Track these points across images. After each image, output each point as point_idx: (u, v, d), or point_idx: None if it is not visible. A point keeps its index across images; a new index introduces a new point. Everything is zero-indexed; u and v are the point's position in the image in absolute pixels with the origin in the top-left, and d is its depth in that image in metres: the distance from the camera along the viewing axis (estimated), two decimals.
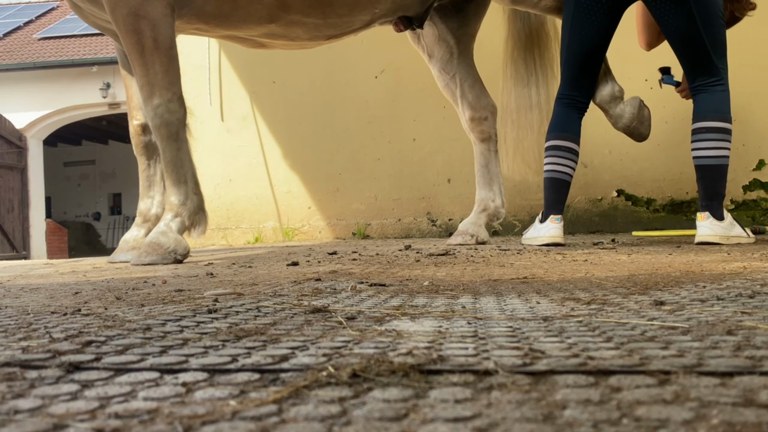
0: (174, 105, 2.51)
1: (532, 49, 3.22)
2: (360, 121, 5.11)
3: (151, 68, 2.46)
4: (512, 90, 3.24)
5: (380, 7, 2.94)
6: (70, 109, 12.90)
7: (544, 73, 3.23)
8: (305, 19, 2.83)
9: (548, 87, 3.24)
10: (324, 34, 3.01)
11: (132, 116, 2.90)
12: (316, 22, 2.87)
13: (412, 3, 3.05)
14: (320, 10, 2.82)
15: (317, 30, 2.94)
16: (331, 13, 2.85)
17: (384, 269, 1.87)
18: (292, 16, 2.79)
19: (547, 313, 0.92)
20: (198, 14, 2.64)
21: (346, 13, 2.89)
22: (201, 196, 2.64)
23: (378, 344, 0.71)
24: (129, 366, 0.64)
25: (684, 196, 4.58)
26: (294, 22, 2.84)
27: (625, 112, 2.91)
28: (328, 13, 2.85)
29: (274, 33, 2.90)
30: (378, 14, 2.99)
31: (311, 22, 2.86)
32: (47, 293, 1.41)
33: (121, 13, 2.42)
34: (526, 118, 3.21)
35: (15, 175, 12.54)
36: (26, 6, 16.92)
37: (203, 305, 1.09)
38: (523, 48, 3.24)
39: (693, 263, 1.73)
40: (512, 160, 3.30)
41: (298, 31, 2.91)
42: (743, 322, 0.78)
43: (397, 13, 3.07)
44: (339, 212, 5.11)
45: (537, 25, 3.26)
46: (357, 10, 2.91)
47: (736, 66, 4.53)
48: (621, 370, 0.57)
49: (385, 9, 2.97)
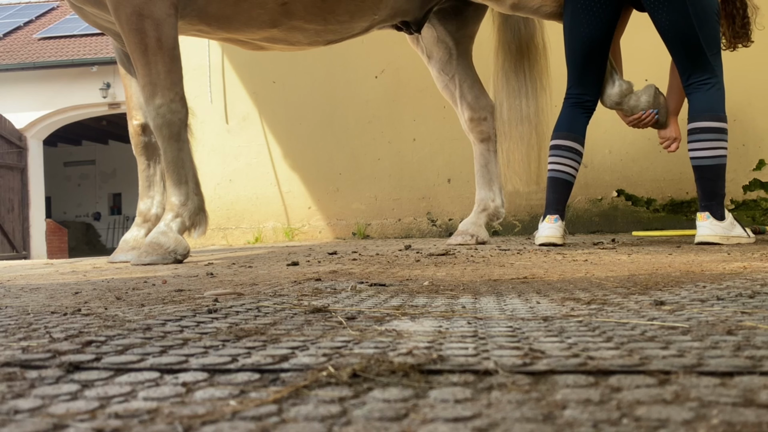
0: (176, 105, 2.51)
1: (522, 61, 3.21)
2: (360, 121, 5.11)
3: (153, 68, 2.46)
4: (504, 102, 3.23)
5: (380, 13, 2.95)
6: (70, 109, 12.89)
7: (534, 85, 3.21)
8: (307, 25, 2.84)
9: (537, 100, 3.22)
10: (324, 39, 3.02)
11: (131, 116, 2.90)
12: (317, 28, 2.88)
13: (410, 8, 3.06)
14: (322, 17, 2.83)
15: (318, 35, 2.95)
16: (333, 20, 2.86)
17: (384, 269, 1.87)
18: (294, 22, 2.80)
19: (547, 313, 0.92)
20: (200, 15, 2.64)
21: (346, 20, 2.90)
22: (202, 197, 2.64)
23: (378, 344, 0.71)
24: (129, 366, 0.64)
25: (684, 196, 4.58)
26: (295, 28, 2.84)
27: (640, 102, 2.88)
28: (330, 20, 2.86)
29: (275, 37, 2.90)
30: (377, 20, 3.01)
31: (312, 27, 2.87)
32: (47, 293, 1.41)
33: (124, 12, 2.42)
34: (517, 130, 3.20)
35: (15, 175, 12.53)
36: (26, 6, 16.91)
37: (203, 305, 1.09)
38: (513, 60, 3.22)
39: (693, 263, 1.73)
40: (504, 171, 3.29)
41: (299, 36, 2.92)
42: (743, 322, 0.78)
43: (396, 18, 3.08)
44: (339, 212, 5.11)
45: (527, 37, 3.23)
46: (357, 17, 2.92)
47: (736, 66, 4.53)
48: (621, 370, 0.57)
49: (384, 15, 2.98)
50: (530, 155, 3.16)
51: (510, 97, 3.19)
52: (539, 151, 3.19)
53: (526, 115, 3.17)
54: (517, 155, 3.20)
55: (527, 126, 3.18)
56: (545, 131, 3.19)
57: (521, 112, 3.17)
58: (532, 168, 3.18)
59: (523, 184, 3.28)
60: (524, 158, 3.19)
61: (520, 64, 3.21)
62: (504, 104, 3.21)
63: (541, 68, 3.24)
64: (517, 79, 3.19)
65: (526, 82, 3.19)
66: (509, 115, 3.19)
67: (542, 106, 3.17)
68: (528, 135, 3.17)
